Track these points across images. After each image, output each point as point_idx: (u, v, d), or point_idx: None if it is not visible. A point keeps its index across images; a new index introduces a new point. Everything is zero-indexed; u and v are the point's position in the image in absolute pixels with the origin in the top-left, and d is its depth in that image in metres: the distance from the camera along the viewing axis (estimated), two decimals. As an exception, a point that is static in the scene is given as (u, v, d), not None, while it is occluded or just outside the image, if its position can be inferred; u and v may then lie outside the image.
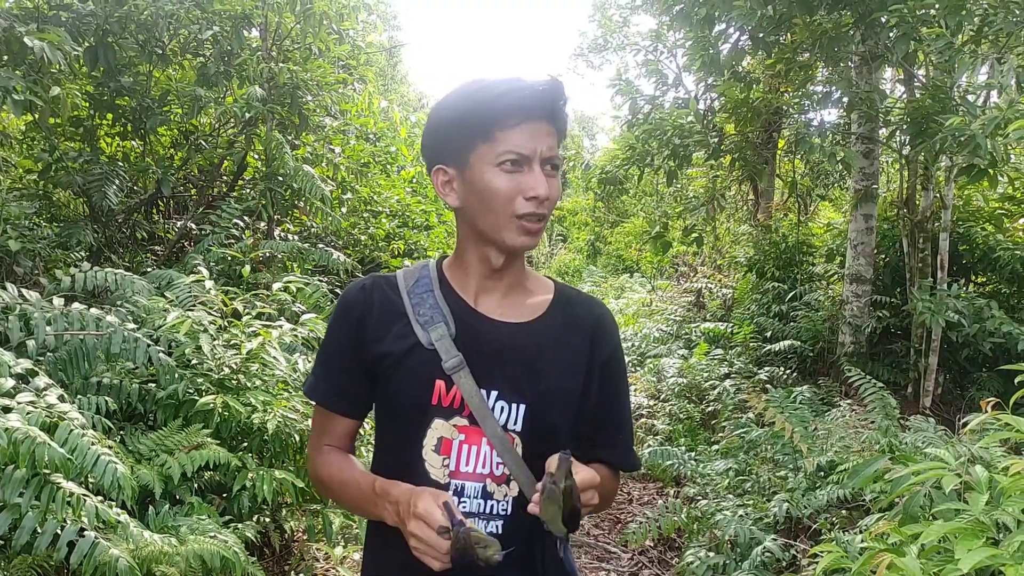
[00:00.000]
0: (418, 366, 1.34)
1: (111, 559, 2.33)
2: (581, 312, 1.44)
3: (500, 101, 1.28)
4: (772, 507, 3.95)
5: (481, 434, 1.33)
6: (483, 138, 1.29)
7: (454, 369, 1.32)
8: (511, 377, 1.35)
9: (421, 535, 1.18)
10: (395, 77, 21.33)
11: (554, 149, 1.30)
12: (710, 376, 6.78)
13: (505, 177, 1.28)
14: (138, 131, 5.88)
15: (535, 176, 1.28)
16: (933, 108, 4.92)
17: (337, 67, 7.17)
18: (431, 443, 1.34)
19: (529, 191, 1.28)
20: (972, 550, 1.31)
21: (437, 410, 1.34)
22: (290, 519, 3.64)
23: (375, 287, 1.41)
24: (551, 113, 1.31)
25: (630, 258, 16.04)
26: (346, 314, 1.40)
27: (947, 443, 3.31)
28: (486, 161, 1.29)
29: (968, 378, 6.29)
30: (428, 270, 1.43)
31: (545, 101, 1.30)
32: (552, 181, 1.30)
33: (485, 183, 1.29)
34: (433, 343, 1.33)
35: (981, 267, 6.63)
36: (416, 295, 1.38)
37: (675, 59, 9.88)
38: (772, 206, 10.14)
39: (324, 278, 6.35)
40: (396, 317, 1.37)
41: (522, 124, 1.28)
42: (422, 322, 1.35)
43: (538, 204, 1.28)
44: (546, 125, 1.30)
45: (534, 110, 1.29)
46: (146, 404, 3.38)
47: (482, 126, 1.29)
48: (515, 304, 1.41)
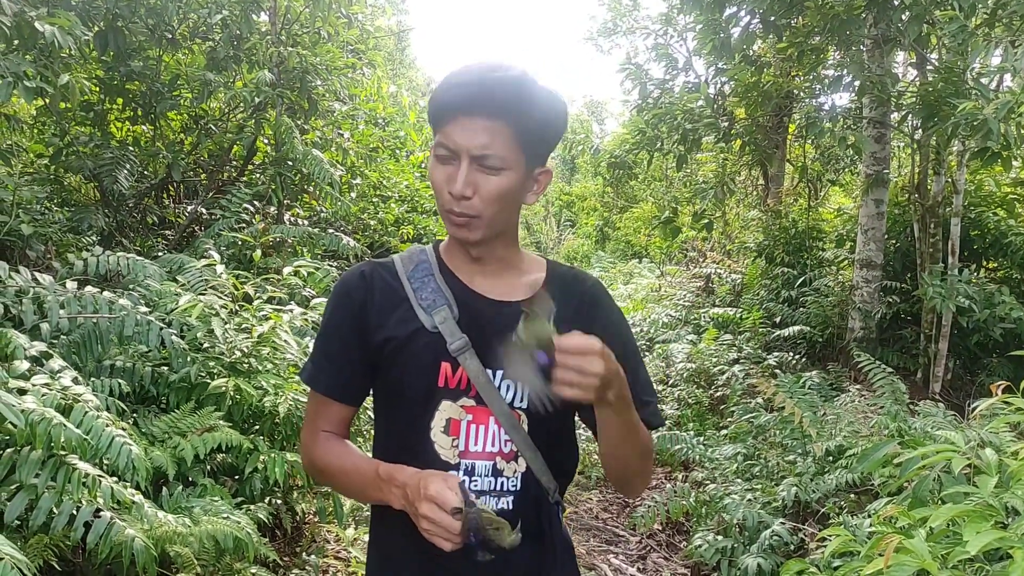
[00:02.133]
0: (423, 350, 1.35)
1: (126, 539, 2.36)
2: (573, 287, 1.46)
3: (445, 94, 1.29)
4: (780, 491, 3.96)
5: (488, 413, 1.35)
6: (435, 130, 1.33)
7: (460, 351, 1.33)
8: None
9: (434, 517, 1.18)
10: (403, 62, 21.25)
11: (491, 147, 1.27)
12: (719, 361, 6.78)
13: (438, 169, 1.31)
14: (148, 116, 5.89)
15: (456, 172, 1.28)
16: (946, 92, 4.89)
17: (346, 52, 7.16)
18: (439, 425, 1.35)
19: (448, 185, 1.29)
20: (980, 532, 1.31)
21: (444, 392, 1.35)
22: (301, 501, 3.67)
23: (374, 273, 1.41)
24: (495, 109, 1.27)
25: (639, 243, 16.00)
26: (346, 301, 1.40)
27: (957, 428, 3.31)
28: (432, 152, 1.33)
29: (978, 364, 6.27)
30: (426, 254, 1.44)
31: (486, 97, 1.26)
32: (484, 178, 1.28)
33: (429, 172, 1.34)
34: (437, 326, 1.34)
35: (992, 252, 6.60)
36: (417, 279, 1.39)
37: (685, 43, 9.81)
38: (782, 191, 10.08)
39: (334, 263, 6.38)
40: (398, 302, 1.38)
41: (458, 118, 1.28)
42: (424, 306, 1.36)
43: (454, 201, 1.29)
44: (487, 121, 1.26)
45: (469, 105, 1.27)
46: (159, 387, 3.40)
47: (433, 119, 1.32)
48: (511, 284, 1.42)
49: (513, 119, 1.28)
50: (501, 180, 1.29)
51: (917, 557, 1.38)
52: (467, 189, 1.28)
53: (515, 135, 1.29)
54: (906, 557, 1.40)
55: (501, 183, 1.29)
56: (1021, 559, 1.24)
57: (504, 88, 1.27)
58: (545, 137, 1.35)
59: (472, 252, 1.39)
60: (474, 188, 1.28)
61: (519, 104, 1.28)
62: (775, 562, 3.52)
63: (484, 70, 1.29)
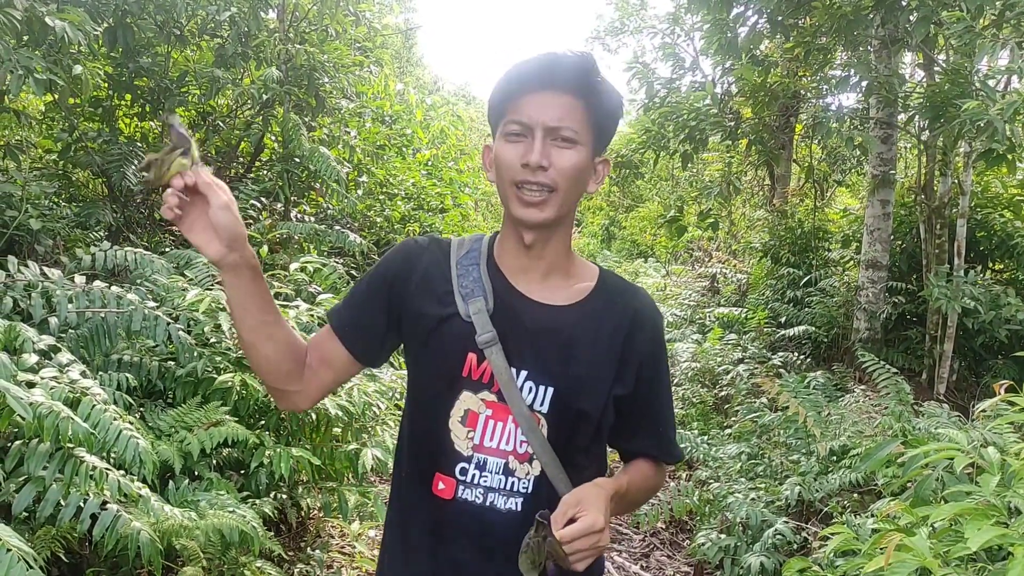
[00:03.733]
0: (453, 336, 1.36)
1: (132, 531, 2.37)
2: (621, 302, 1.44)
3: (509, 75, 1.32)
4: (784, 490, 3.97)
5: (508, 411, 1.34)
6: (500, 113, 1.34)
7: (487, 344, 1.34)
8: (542, 359, 1.36)
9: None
10: (411, 60, 21.26)
11: (565, 120, 1.29)
12: (724, 361, 6.78)
13: (509, 147, 1.31)
14: (156, 112, 5.91)
15: (530, 145, 1.29)
16: (952, 93, 4.88)
17: (353, 49, 7.18)
18: (458, 414, 1.36)
19: (524, 158, 1.29)
20: (981, 530, 1.32)
21: (466, 382, 1.36)
22: (306, 496, 3.68)
23: (431, 248, 1.43)
24: (567, 85, 1.30)
25: (645, 243, 15.99)
26: (395, 263, 1.43)
27: (960, 428, 3.31)
28: (501, 134, 1.34)
29: (983, 365, 6.26)
30: (480, 244, 1.45)
31: (555, 71, 1.29)
32: (558, 151, 1.30)
33: (496, 154, 1.34)
34: (471, 316, 1.35)
35: (999, 254, 6.59)
36: (463, 267, 1.40)
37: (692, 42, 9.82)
38: (788, 191, 10.07)
39: (340, 259, 6.39)
40: (441, 283, 1.39)
41: (527, 95, 1.30)
42: (463, 294, 1.37)
43: (531, 172, 1.29)
44: (559, 96, 1.30)
45: (539, 80, 1.30)
46: (166, 381, 3.42)
47: (499, 102, 1.34)
48: (555, 287, 1.41)
49: (583, 97, 1.31)
50: (574, 154, 1.31)
51: (918, 555, 1.39)
52: (544, 160, 1.28)
53: (585, 113, 1.32)
54: (907, 555, 1.40)
55: (574, 156, 1.31)
56: (1022, 556, 1.25)
57: (575, 66, 1.30)
58: (608, 124, 1.37)
59: (527, 239, 1.37)
60: (549, 160, 1.29)
61: (589, 83, 1.31)
62: (778, 561, 3.53)
63: (556, 52, 1.31)
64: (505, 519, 1.35)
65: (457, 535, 1.36)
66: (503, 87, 1.34)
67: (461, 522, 1.36)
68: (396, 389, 4.16)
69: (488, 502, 1.35)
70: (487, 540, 1.35)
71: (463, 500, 1.35)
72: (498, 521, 1.35)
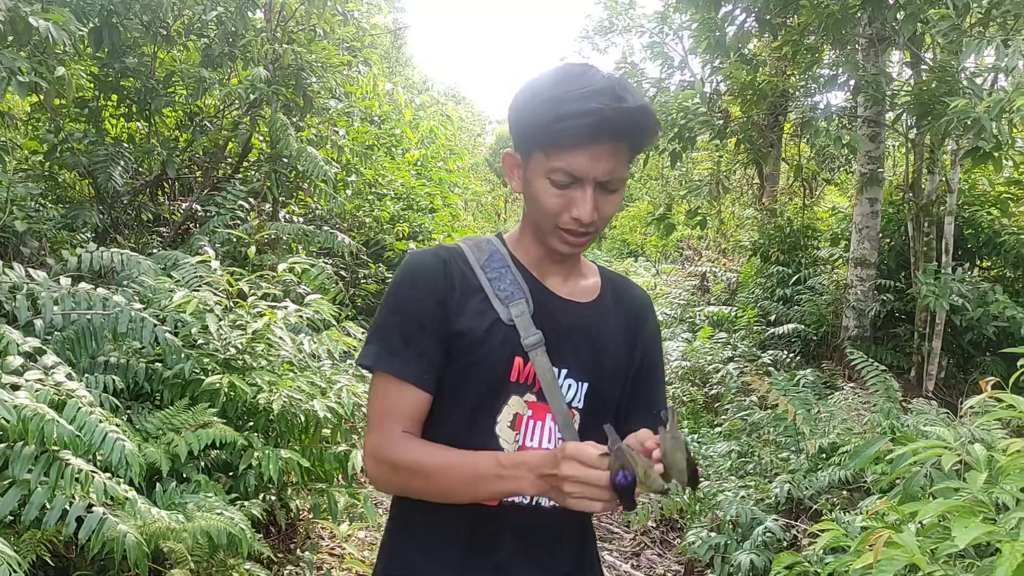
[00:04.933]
0: (500, 343, 1.33)
1: (119, 534, 2.35)
2: (626, 294, 1.50)
3: (561, 125, 1.23)
4: (774, 488, 3.97)
5: (546, 410, 1.35)
6: (541, 147, 1.28)
7: (533, 346, 1.33)
8: (580, 355, 1.38)
9: (577, 473, 1.14)
10: (399, 60, 21.23)
11: (614, 172, 1.27)
12: (714, 359, 6.79)
13: (553, 192, 1.28)
14: (143, 112, 5.88)
15: (583, 198, 1.27)
16: (939, 91, 4.90)
17: (341, 49, 7.15)
18: (507, 419, 1.35)
19: (574, 211, 1.28)
20: (969, 527, 1.32)
21: (514, 386, 1.34)
22: (295, 498, 3.67)
23: (451, 259, 1.37)
24: (618, 136, 1.26)
25: (635, 242, 16.03)
26: (427, 284, 1.34)
27: (948, 425, 3.33)
28: (540, 169, 1.29)
29: (971, 362, 6.30)
30: (497, 246, 1.41)
31: (610, 128, 1.24)
32: (605, 199, 1.29)
33: (535, 190, 1.31)
34: (513, 319, 1.33)
35: (986, 251, 6.61)
36: (493, 270, 1.37)
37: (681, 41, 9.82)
38: (777, 190, 10.10)
39: (329, 260, 6.37)
40: (473, 292, 1.35)
41: (586, 147, 1.24)
42: (502, 297, 1.35)
43: (580, 224, 1.29)
44: (609, 147, 1.26)
45: (595, 137, 1.24)
46: (153, 383, 3.39)
47: (542, 137, 1.27)
48: (575, 285, 1.44)
49: (632, 142, 1.30)
50: (617, 197, 1.32)
51: (906, 552, 1.39)
52: (594, 215, 1.28)
53: (630, 154, 1.32)
54: (895, 551, 1.40)
55: (617, 200, 1.32)
56: (1009, 553, 1.25)
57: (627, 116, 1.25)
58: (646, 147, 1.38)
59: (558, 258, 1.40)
60: (597, 210, 1.29)
61: (641, 131, 1.29)
62: (768, 558, 3.53)
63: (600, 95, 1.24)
64: (550, 515, 1.37)
65: (502, 541, 1.36)
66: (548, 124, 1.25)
67: (507, 527, 1.36)
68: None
69: (534, 501, 1.36)
70: (532, 538, 1.37)
71: (510, 504, 1.35)
72: (544, 520, 1.37)
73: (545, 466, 1.19)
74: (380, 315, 1.37)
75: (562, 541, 1.40)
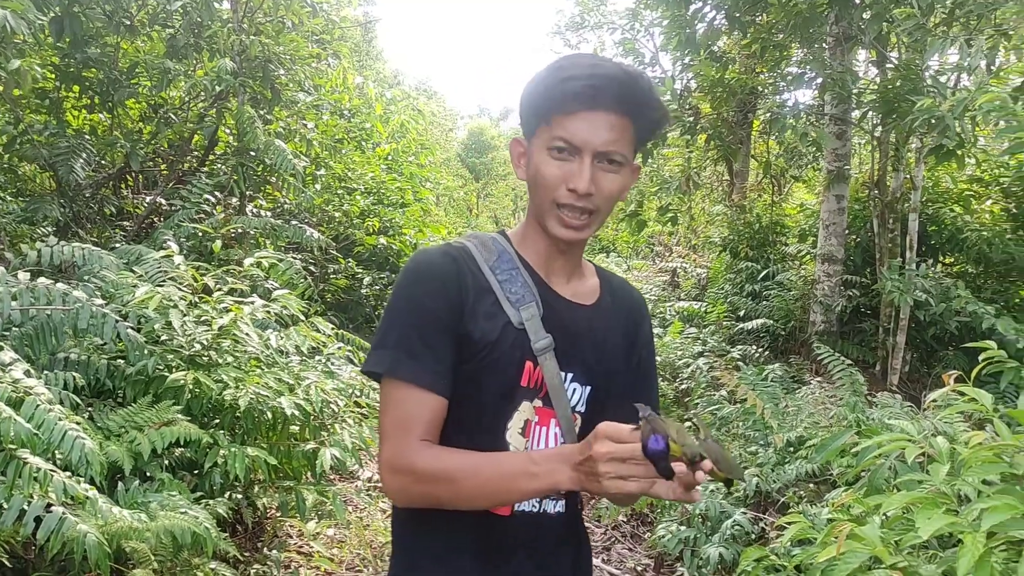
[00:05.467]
0: (511, 347, 1.29)
1: (79, 534, 2.31)
2: (623, 296, 1.48)
3: (564, 86, 1.24)
4: (742, 482, 4.00)
5: (551, 415, 1.33)
6: (544, 120, 1.27)
7: (544, 350, 1.30)
8: (584, 359, 1.36)
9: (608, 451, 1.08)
10: (370, 53, 21.07)
11: (615, 144, 1.25)
12: (684, 354, 6.84)
13: (552, 163, 1.26)
14: (105, 104, 5.77)
15: (580, 169, 1.24)
16: (904, 89, 4.96)
17: (310, 41, 7.08)
18: (517, 425, 1.31)
19: (571, 182, 1.25)
20: (932, 518, 1.34)
21: (524, 391, 1.31)
22: (263, 496, 3.62)
23: (461, 259, 1.32)
24: (621, 105, 1.24)
25: (606, 238, 16.08)
26: (440, 286, 1.28)
27: (912, 418, 3.38)
28: (542, 143, 1.27)
29: (935, 356, 6.39)
30: (503, 245, 1.37)
31: (613, 92, 1.23)
32: (604, 176, 1.26)
33: (536, 165, 1.28)
34: (524, 323, 1.30)
35: (949, 247, 6.72)
36: (503, 272, 1.33)
37: (652, 38, 9.87)
38: (746, 187, 10.20)
39: (297, 255, 6.31)
40: (484, 294, 1.31)
41: (580, 112, 1.23)
42: (512, 300, 1.31)
43: (577, 197, 1.25)
44: (611, 117, 1.24)
45: (596, 100, 1.23)
46: (115, 380, 3.34)
47: (544, 108, 1.26)
48: (577, 286, 1.41)
49: (635, 116, 1.26)
50: (619, 177, 1.28)
51: (869, 544, 1.40)
52: (591, 187, 1.25)
53: (634, 132, 1.28)
54: (858, 544, 1.41)
55: (619, 180, 1.28)
56: (971, 543, 1.26)
57: (630, 85, 1.25)
58: (651, 137, 1.35)
59: (562, 248, 1.35)
60: (596, 186, 1.26)
61: (642, 102, 1.26)
62: (736, 551, 3.56)
63: (605, 64, 1.25)
64: (555, 521, 1.36)
65: (514, 549, 1.34)
66: (550, 93, 1.25)
67: (519, 535, 1.33)
68: (355, 386, 4.11)
69: (542, 508, 1.34)
70: (540, 544, 1.35)
71: (521, 512, 1.32)
72: (550, 525, 1.36)
73: (579, 454, 1.13)
74: (391, 318, 1.30)
75: (564, 547, 1.40)
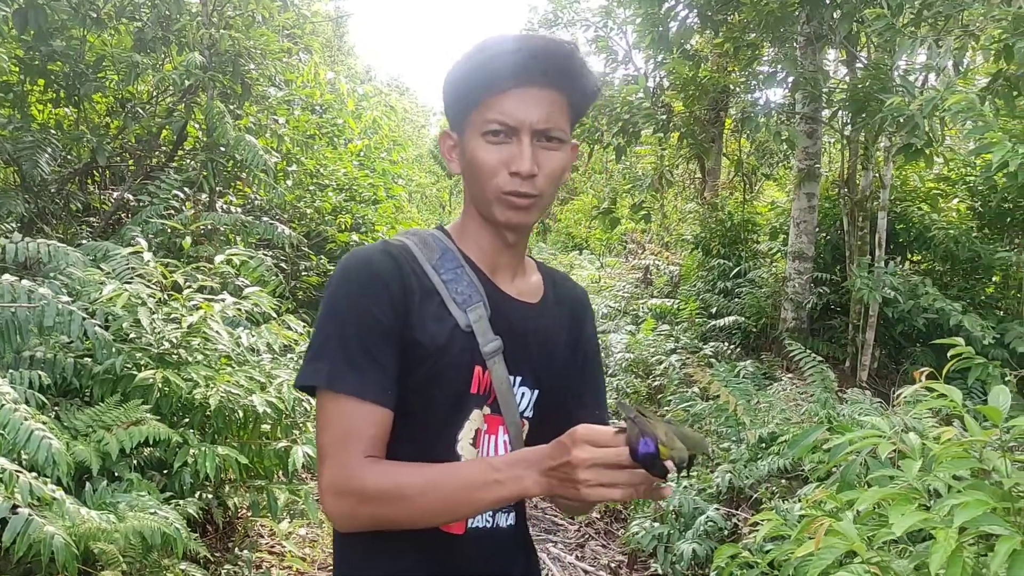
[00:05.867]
0: (460, 352, 1.20)
1: (46, 536, 2.26)
2: (566, 292, 1.40)
3: (490, 64, 1.15)
4: (715, 478, 4.03)
5: (499, 422, 1.25)
6: (473, 105, 1.18)
7: (492, 354, 1.21)
8: (532, 361, 1.28)
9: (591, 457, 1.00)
10: (341, 48, 20.94)
11: (553, 120, 1.17)
12: (657, 351, 6.87)
13: (489, 148, 1.17)
14: (71, 98, 5.66)
15: (520, 149, 1.16)
16: (874, 88, 5.02)
17: (281, 36, 7.00)
18: (468, 436, 1.22)
19: (512, 165, 1.16)
20: (905, 515, 1.35)
21: (474, 399, 1.22)
22: (233, 495, 3.58)
23: (402, 258, 1.20)
24: (552, 79, 1.17)
25: (579, 235, 16.13)
26: (383, 287, 1.16)
27: (883, 414, 3.42)
28: (475, 129, 1.18)
29: (903, 353, 6.49)
30: (445, 242, 1.26)
31: (544, 65, 1.15)
32: (546, 155, 1.18)
33: (471, 153, 1.19)
34: (471, 325, 1.20)
35: (916, 246, 6.82)
36: (448, 271, 1.22)
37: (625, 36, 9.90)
38: (719, 184, 10.27)
39: (268, 252, 6.24)
40: (429, 295, 1.20)
41: (512, 90, 1.15)
42: (459, 301, 1.21)
43: (521, 181, 1.16)
44: (544, 92, 1.17)
45: (527, 75, 1.15)
46: (82, 379, 3.28)
47: (473, 91, 1.18)
48: (522, 283, 1.32)
49: (568, 90, 1.19)
50: (561, 155, 1.20)
51: (846, 540, 1.41)
52: (535, 167, 1.16)
53: (569, 107, 1.21)
54: (835, 539, 1.42)
55: (561, 158, 1.20)
56: (944, 539, 1.28)
57: (561, 57, 1.17)
58: (585, 111, 1.28)
59: (510, 239, 1.26)
60: (539, 166, 1.17)
61: (575, 73, 1.19)
62: (710, 547, 3.59)
63: (530, 38, 1.17)
64: (507, 535, 1.29)
65: (468, 569, 1.25)
66: (476, 75, 1.17)
67: (473, 554, 1.25)
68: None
69: (495, 523, 1.27)
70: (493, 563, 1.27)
71: (474, 529, 1.24)
72: (502, 540, 1.29)
73: (550, 459, 1.05)
74: (326, 325, 1.17)
75: (516, 561, 1.33)
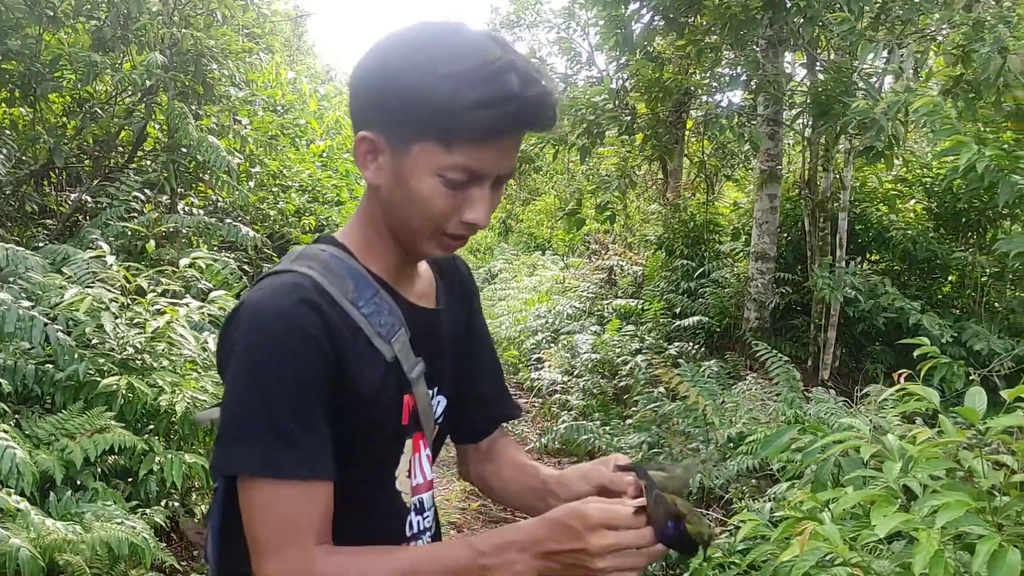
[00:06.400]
0: (392, 387, 1.11)
1: (11, 549, 2.20)
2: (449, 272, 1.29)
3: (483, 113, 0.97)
4: (684, 478, 4.06)
5: (420, 437, 1.18)
6: (438, 137, 0.99)
7: (417, 377, 1.14)
8: (443, 370, 1.21)
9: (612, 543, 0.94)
10: (301, 48, 20.70)
11: (514, 162, 1.06)
12: (622, 352, 6.90)
13: (443, 192, 1.02)
14: (27, 98, 5.53)
15: (481, 198, 1.03)
16: (836, 90, 5.11)
17: (242, 36, 6.90)
18: (404, 469, 1.15)
19: (467, 215, 1.04)
20: (887, 516, 1.37)
21: (406, 429, 1.14)
22: (201, 503, 3.52)
23: (321, 305, 1.03)
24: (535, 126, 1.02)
25: (542, 236, 16.15)
26: (312, 347, 1.01)
27: (849, 413, 3.48)
28: (429, 163, 1.01)
29: (863, 351, 6.61)
30: (351, 266, 1.11)
31: (535, 115, 1.01)
32: (494, 198, 1.07)
33: (416, 187, 1.02)
34: (396, 355, 1.11)
35: (876, 246, 6.96)
36: (366, 302, 1.09)
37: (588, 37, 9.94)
38: (681, 185, 10.36)
39: (232, 254, 6.15)
40: (355, 335, 1.07)
41: (494, 140, 1.00)
42: (383, 334, 1.09)
43: (469, 228, 1.06)
44: (519, 136, 1.04)
45: (516, 126, 1.01)
46: (43, 386, 3.20)
47: (444, 126, 0.98)
48: (420, 285, 1.21)
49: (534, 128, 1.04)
50: (502, 191, 1.10)
51: (831, 542, 1.43)
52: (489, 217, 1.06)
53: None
54: (818, 542, 1.44)
55: (501, 195, 1.10)
56: (926, 540, 1.30)
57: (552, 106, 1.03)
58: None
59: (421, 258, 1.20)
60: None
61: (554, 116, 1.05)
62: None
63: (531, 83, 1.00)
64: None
65: None
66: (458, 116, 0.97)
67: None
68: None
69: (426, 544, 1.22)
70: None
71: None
72: None
73: (552, 542, 0.96)
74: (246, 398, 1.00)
75: None
